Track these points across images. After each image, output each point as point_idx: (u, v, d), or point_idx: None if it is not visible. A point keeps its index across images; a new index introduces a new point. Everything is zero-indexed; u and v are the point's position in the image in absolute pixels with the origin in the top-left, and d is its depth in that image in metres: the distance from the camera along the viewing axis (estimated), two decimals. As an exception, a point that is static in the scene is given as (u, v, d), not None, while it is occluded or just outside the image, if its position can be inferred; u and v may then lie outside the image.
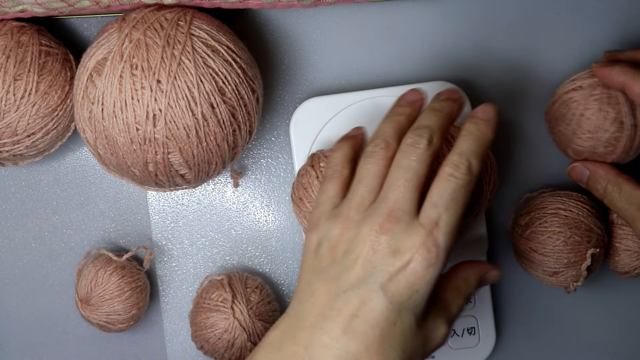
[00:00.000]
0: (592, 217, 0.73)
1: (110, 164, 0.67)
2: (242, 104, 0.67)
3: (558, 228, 0.72)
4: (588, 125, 0.70)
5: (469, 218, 0.70)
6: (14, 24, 0.70)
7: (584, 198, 0.74)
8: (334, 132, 0.74)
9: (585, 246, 0.72)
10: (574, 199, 0.73)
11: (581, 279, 0.72)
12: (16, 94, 0.68)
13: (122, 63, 0.64)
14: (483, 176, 0.68)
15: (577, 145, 0.71)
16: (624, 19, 0.77)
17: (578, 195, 0.74)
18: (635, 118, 0.70)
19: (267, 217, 0.77)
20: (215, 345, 0.72)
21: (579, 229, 0.72)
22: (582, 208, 0.73)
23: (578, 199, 0.73)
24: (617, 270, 0.75)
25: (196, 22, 0.66)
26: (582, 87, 0.71)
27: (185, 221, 0.77)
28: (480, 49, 0.77)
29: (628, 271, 0.74)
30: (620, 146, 0.70)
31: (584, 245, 0.72)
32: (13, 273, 0.77)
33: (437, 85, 0.74)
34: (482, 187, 0.68)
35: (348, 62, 0.76)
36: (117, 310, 0.73)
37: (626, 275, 0.75)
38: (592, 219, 0.72)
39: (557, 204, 0.73)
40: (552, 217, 0.73)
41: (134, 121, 0.64)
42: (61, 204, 0.77)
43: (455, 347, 0.76)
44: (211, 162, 0.67)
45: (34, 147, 0.70)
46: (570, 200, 0.73)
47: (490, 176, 0.69)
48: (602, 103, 0.70)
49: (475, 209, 0.69)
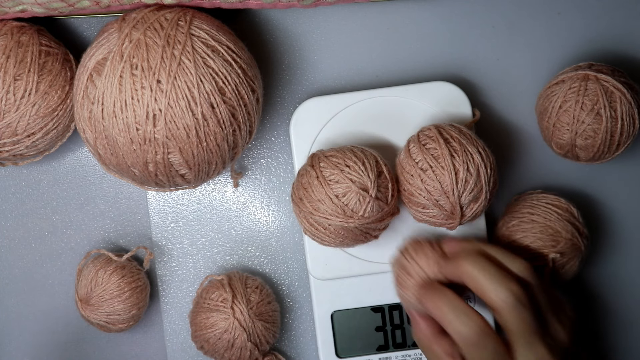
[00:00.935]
0: (561, 221, 0.72)
1: (110, 164, 0.67)
2: (242, 104, 0.67)
3: (522, 232, 0.72)
4: (566, 118, 0.71)
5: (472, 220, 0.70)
6: (14, 24, 0.70)
7: (560, 201, 0.73)
8: (334, 132, 0.74)
9: (549, 251, 0.71)
10: (545, 203, 0.73)
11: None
12: (16, 94, 0.68)
13: (122, 63, 0.64)
14: (483, 176, 0.68)
15: (558, 139, 0.72)
16: (624, 19, 0.77)
17: (555, 199, 0.73)
18: (614, 110, 0.70)
19: (267, 217, 0.77)
20: (215, 345, 0.72)
21: (543, 234, 0.72)
22: (551, 212, 0.72)
23: (552, 202, 0.73)
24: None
25: (196, 22, 0.66)
26: (563, 80, 0.71)
27: (185, 221, 0.77)
28: (480, 49, 0.77)
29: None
30: (599, 138, 0.70)
31: (547, 250, 0.71)
32: (13, 273, 0.77)
33: (437, 85, 0.74)
34: (482, 187, 0.68)
35: (348, 62, 0.76)
36: (117, 310, 0.73)
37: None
38: (562, 223, 0.72)
39: (528, 207, 0.73)
40: (519, 221, 0.73)
41: (134, 121, 0.64)
42: (61, 204, 0.77)
43: (455, 347, 0.76)
44: (211, 162, 0.67)
45: (34, 147, 0.70)
46: (541, 203, 0.73)
47: (490, 176, 0.69)
48: (579, 95, 0.70)
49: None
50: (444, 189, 0.68)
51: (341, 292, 0.75)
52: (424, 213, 0.69)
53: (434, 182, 0.68)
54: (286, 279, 0.78)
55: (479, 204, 0.68)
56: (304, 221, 0.70)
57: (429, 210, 0.69)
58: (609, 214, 0.78)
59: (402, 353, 0.76)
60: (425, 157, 0.68)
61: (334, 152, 0.70)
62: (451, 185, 0.67)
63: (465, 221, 0.69)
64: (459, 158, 0.68)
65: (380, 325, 0.76)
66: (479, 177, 0.68)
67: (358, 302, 0.75)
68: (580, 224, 0.73)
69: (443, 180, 0.67)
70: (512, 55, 0.77)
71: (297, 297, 0.78)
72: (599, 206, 0.78)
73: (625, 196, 0.78)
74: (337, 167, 0.68)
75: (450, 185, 0.67)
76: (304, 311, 0.78)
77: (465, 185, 0.67)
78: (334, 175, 0.68)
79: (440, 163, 0.68)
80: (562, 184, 0.77)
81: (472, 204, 0.68)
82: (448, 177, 0.67)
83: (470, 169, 0.68)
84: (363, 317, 0.76)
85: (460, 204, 0.68)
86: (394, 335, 0.76)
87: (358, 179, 0.68)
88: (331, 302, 0.75)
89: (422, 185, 0.68)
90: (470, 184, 0.67)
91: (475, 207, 0.69)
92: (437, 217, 0.69)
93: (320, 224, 0.68)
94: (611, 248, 0.78)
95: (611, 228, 0.78)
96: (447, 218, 0.68)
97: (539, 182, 0.77)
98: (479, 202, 0.68)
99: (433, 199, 0.68)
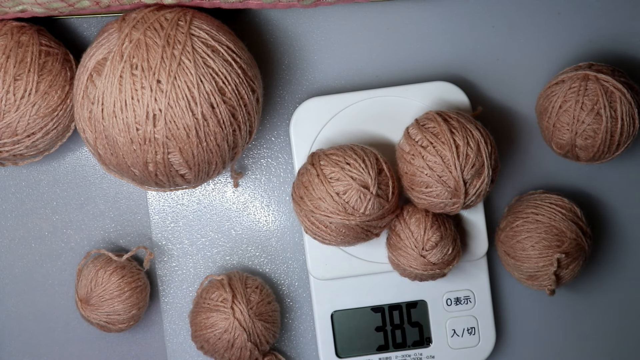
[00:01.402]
0: (566, 221, 0.72)
1: (110, 164, 0.67)
2: (242, 104, 0.67)
3: (527, 233, 0.72)
4: (566, 118, 0.71)
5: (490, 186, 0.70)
6: (14, 24, 0.70)
7: (564, 201, 0.73)
8: (334, 132, 0.74)
9: (554, 251, 0.71)
10: (549, 203, 0.73)
11: (554, 283, 0.71)
12: (16, 94, 0.68)
13: (122, 63, 0.64)
14: (484, 151, 0.68)
15: (559, 139, 0.72)
16: (624, 19, 0.77)
17: (558, 198, 0.74)
18: (614, 110, 0.70)
19: (267, 217, 0.77)
20: (215, 345, 0.72)
21: (548, 234, 0.72)
22: (555, 212, 0.72)
23: (555, 202, 0.73)
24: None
25: (196, 22, 0.66)
26: (563, 80, 0.71)
27: (185, 221, 0.77)
28: (480, 49, 0.77)
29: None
30: (599, 138, 0.70)
31: (552, 250, 0.71)
32: (13, 273, 0.77)
33: (437, 85, 0.74)
34: (483, 162, 0.68)
35: (348, 62, 0.76)
36: (117, 310, 0.73)
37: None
38: (567, 223, 0.72)
39: (531, 207, 0.73)
40: (524, 221, 0.73)
41: (134, 121, 0.64)
42: (61, 204, 0.77)
43: (455, 347, 0.76)
44: (211, 162, 0.67)
45: (34, 147, 0.70)
46: (545, 203, 0.73)
47: (490, 153, 0.68)
48: (579, 95, 0.70)
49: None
50: (445, 164, 0.67)
51: (341, 292, 0.75)
52: (427, 194, 0.69)
53: (435, 158, 0.68)
54: (286, 279, 0.78)
55: (481, 180, 0.68)
56: (305, 220, 0.69)
57: (432, 189, 0.68)
58: (609, 214, 0.78)
59: (402, 353, 0.76)
60: (425, 135, 0.68)
61: (334, 150, 0.70)
62: (452, 160, 0.67)
63: (469, 201, 0.68)
64: (458, 134, 0.68)
65: (380, 325, 0.76)
66: (480, 152, 0.68)
67: (358, 302, 0.75)
68: (584, 223, 0.73)
69: (444, 155, 0.67)
70: (512, 55, 0.77)
71: (297, 297, 0.78)
72: (599, 206, 0.78)
73: (625, 196, 0.78)
74: (338, 165, 0.68)
75: (451, 159, 0.67)
76: (304, 311, 0.78)
77: (467, 159, 0.67)
78: (334, 173, 0.68)
79: (441, 139, 0.68)
80: (562, 184, 0.77)
81: (475, 180, 0.68)
82: (449, 151, 0.67)
83: (470, 144, 0.68)
84: (363, 317, 0.76)
85: (464, 178, 0.67)
86: (394, 335, 0.76)
87: (359, 177, 0.68)
88: (331, 302, 0.75)
89: (423, 162, 0.68)
90: (472, 158, 0.67)
91: (479, 184, 0.68)
92: (440, 197, 0.68)
93: (321, 222, 0.68)
94: (611, 248, 0.78)
95: (611, 228, 0.78)
96: (451, 196, 0.68)
97: (539, 182, 0.77)
98: (481, 178, 0.68)
99: (436, 176, 0.68)
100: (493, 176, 0.69)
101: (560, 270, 0.71)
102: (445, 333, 0.76)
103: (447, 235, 0.70)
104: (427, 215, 0.70)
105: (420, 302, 0.76)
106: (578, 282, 0.78)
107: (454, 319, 0.76)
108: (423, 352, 0.76)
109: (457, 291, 0.76)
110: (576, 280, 0.75)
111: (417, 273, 0.70)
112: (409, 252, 0.70)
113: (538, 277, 0.72)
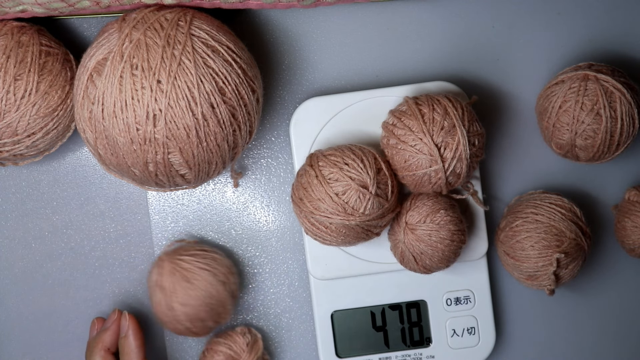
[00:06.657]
0: (565, 221, 0.72)
1: (111, 164, 0.67)
2: (242, 104, 0.67)
3: (527, 233, 0.72)
4: (566, 118, 0.71)
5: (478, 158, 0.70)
6: (14, 24, 0.70)
7: (563, 201, 0.73)
8: (334, 132, 0.74)
9: (554, 251, 0.71)
10: (549, 202, 0.73)
11: (553, 283, 0.71)
12: (16, 94, 0.68)
13: (122, 63, 0.64)
14: (453, 114, 0.68)
15: (558, 139, 0.72)
16: (624, 19, 0.77)
17: (558, 198, 0.74)
18: (614, 110, 0.70)
19: (267, 217, 0.77)
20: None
21: (547, 234, 0.72)
22: (555, 212, 0.72)
23: (555, 202, 0.73)
24: (625, 247, 0.75)
25: (196, 22, 0.66)
26: (563, 80, 0.72)
27: (185, 221, 0.77)
28: (480, 49, 0.77)
29: (634, 248, 0.74)
30: (599, 138, 0.70)
31: (552, 250, 0.71)
32: (13, 273, 0.77)
33: (437, 85, 0.74)
34: (453, 124, 0.68)
35: (348, 62, 0.77)
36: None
37: (632, 254, 0.74)
38: (566, 223, 0.72)
39: (531, 207, 0.73)
40: (523, 221, 0.73)
41: (134, 121, 0.64)
42: (61, 204, 0.77)
43: (455, 347, 0.76)
44: (211, 162, 0.67)
45: (34, 147, 0.70)
46: (545, 203, 0.73)
47: (462, 115, 0.68)
48: (578, 95, 0.70)
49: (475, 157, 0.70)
50: (415, 133, 0.68)
51: (341, 292, 0.75)
52: (408, 168, 0.69)
53: (404, 130, 0.68)
54: (286, 279, 0.78)
55: (456, 142, 0.68)
56: (305, 221, 0.70)
57: (411, 162, 0.68)
58: (609, 214, 0.78)
59: (402, 353, 0.76)
60: (394, 114, 0.70)
61: (332, 151, 0.70)
62: (420, 126, 0.68)
63: (451, 166, 0.68)
64: (424, 104, 0.69)
65: (380, 325, 0.76)
66: (448, 114, 0.68)
67: (358, 302, 0.75)
68: (584, 223, 0.73)
69: (412, 125, 0.68)
70: (512, 55, 0.77)
71: (297, 297, 0.78)
72: (599, 206, 0.78)
73: (625, 196, 0.78)
74: (336, 166, 0.68)
75: (419, 126, 0.68)
76: (304, 311, 0.78)
77: (434, 122, 0.68)
78: (333, 173, 0.68)
79: (407, 112, 0.69)
80: (562, 184, 0.77)
81: (448, 142, 0.68)
82: (415, 119, 0.68)
83: (436, 109, 0.68)
84: (363, 317, 0.76)
85: (434, 142, 0.68)
86: (394, 335, 0.76)
87: (357, 177, 0.68)
88: (331, 302, 0.75)
89: (395, 139, 0.69)
90: (439, 121, 0.68)
91: (454, 145, 0.68)
92: (420, 167, 0.68)
93: (321, 223, 0.68)
94: (611, 248, 0.79)
95: (611, 228, 0.78)
96: (429, 163, 0.68)
97: (539, 182, 0.78)
98: (455, 139, 0.68)
99: (409, 147, 0.68)
100: (474, 140, 0.68)
101: (559, 270, 0.71)
102: (445, 333, 0.76)
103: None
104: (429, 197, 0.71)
105: (420, 302, 0.76)
106: (577, 282, 0.78)
107: (453, 319, 0.76)
108: (423, 352, 0.76)
109: (457, 291, 0.76)
110: (576, 280, 0.75)
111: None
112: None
113: (538, 277, 0.72)
